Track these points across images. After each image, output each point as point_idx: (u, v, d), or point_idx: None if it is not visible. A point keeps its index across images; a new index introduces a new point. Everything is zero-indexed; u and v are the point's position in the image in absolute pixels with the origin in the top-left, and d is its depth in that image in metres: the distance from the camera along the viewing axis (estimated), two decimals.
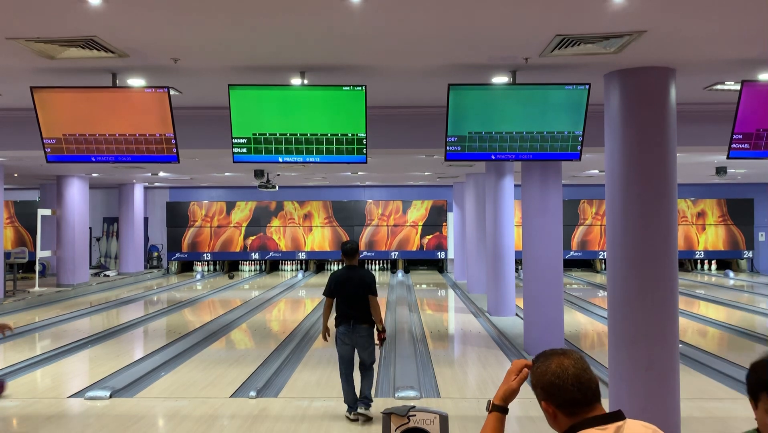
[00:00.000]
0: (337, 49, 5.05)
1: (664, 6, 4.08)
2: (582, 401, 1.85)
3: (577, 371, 1.87)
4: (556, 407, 1.87)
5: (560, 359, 1.90)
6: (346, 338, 5.96)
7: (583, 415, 1.84)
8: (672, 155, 5.52)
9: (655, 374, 5.40)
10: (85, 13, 4.12)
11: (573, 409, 1.85)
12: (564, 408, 1.86)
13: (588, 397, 1.85)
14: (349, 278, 6.00)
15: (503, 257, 11.95)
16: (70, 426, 5.94)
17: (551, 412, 1.89)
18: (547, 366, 1.91)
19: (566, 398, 1.85)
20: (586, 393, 1.85)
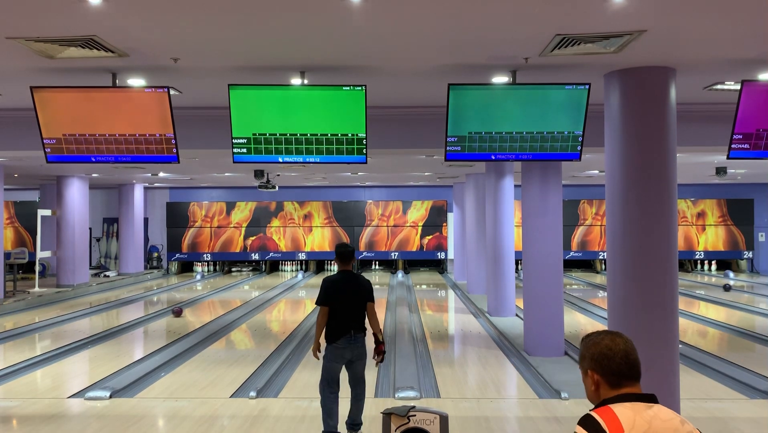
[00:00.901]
0: (337, 49, 5.05)
1: (664, 6, 4.08)
2: (628, 375, 2.03)
3: (627, 348, 2.07)
4: (601, 376, 2.04)
5: (613, 336, 2.09)
6: (347, 352, 5.39)
7: (626, 388, 2.01)
8: (672, 155, 5.52)
9: (655, 374, 5.39)
10: (85, 13, 4.12)
11: (618, 380, 2.02)
12: (609, 378, 2.03)
13: (633, 373, 2.03)
14: (347, 283, 5.45)
15: (503, 258, 11.95)
16: (70, 426, 5.93)
17: (595, 380, 2.06)
18: (600, 339, 2.09)
19: (613, 370, 2.02)
20: (632, 369, 2.03)
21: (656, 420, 1.95)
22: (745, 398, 6.72)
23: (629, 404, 1.97)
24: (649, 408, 1.98)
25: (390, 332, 10.39)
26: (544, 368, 7.84)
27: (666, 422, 1.95)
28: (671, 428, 1.94)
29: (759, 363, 8.23)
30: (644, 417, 1.94)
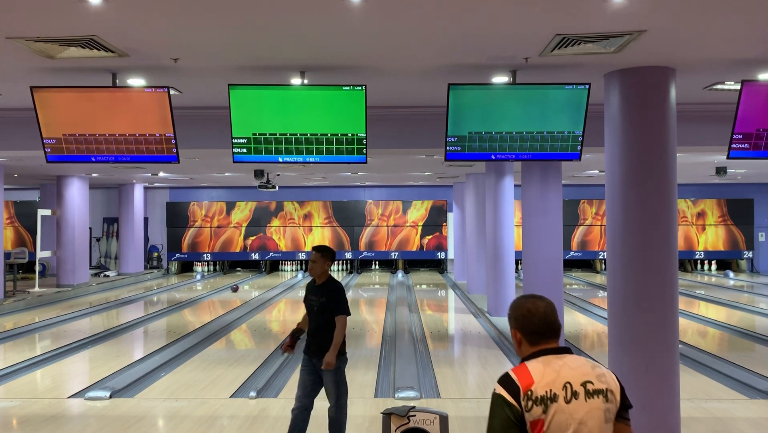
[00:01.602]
0: (337, 49, 5.05)
1: (664, 6, 4.08)
2: (545, 334, 2.27)
3: (546, 311, 2.30)
4: (522, 334, 2.30)
5: (535, 300, 2.34)
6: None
7: (543, 345, 2.26)
8: (672, 155, 5.52)
9: (655, 375, 5.39)
10: (85, 13, 4.12)
11: (537, 339, 2.27)
12: (529, 336, 2.28)
13: (550, 332, 2.28)
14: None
15: (503, 257, 11.95)
16: (70, 426, 5.94)
17: (518, 339, 2.32)
18: (524, 302, 2.34)
19: (532, 329, 2.28)
20: (549, 329, 2.28)
21: (565, 368, 2.21)
22: (745, 398, 6.72)
23: (542, 358, 2.23)
24: (559, 358, 2.24)
25: (390, 332, 10.39)
26: None
27: (575, 369, 2.21)
28: (580, 373, 2.21)
29: (759, 363, 8.23)
30: (553, 367, 2.20)
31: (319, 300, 4.90)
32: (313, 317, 4.96)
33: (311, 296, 4.98)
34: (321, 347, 4.89)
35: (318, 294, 4.93)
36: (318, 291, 4.95)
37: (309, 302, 4.98)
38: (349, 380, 7.47)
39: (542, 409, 2.14)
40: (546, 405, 2.15)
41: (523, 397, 2.15)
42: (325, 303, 4.89)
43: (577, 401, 2.18)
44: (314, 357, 4.91)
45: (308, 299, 5.01)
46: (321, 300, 4.90)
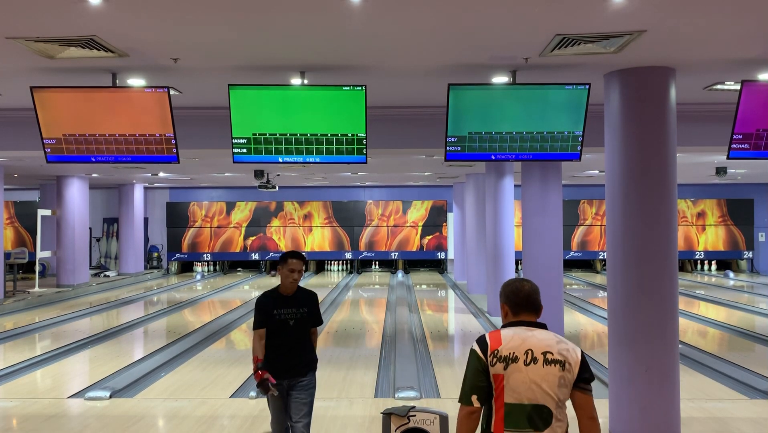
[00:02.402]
0: (337, 49, 5.05)
1: (664, 6, 4.08)
2: (526, 307, 2.81)
3: (530, 290, 2.84)
4: (508, 306, 2.84)
5: (522, 281, 2.89)
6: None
7: (522, 317, 2.80)
8: (672, 155, 5.52)
9: (655, 374, 5.40)
10: (84, 13, 4.12)
11: (518, 310, 2.81)
12: (513, 308, 2.82)
13: (530, 306, 2.81)
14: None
15: (503, 257, 11.95)
16: (70, 426, 5.94)
17: (505, 311, 2.85)
18: (513, 282, 2.90)
19: (516, 302, 2.81)
20: (530, 304, 2.81)
21: (532, 338, 2.72)
22: (745, 398, 6.72)
23: (515, 328, 2.77)
24: (530, 330, 2.75)
25: (390, 332, 10.39)
26: None
27: (540, 340, 2.71)
28: (544, 345, 2.70)
29: (759, 363, 8.23)
30: (521, 336, 2.72)
31: (300, 311, 4.37)
32: (285, 333, 4.34)
33: (283, 309, 4.35)
34: (300, 365, 4.38)
35: (296, 305, 4.38)
36: (293, 302, 4.38)
37: (280, 317, 4.34)
38: (349, 380, 7.52)
39: (503, 366, 2.68)
40: (507, 364, 2.68)
41: (490, 354, 2.71)
42: (308, 313, 4.40)
43: (535, 365, 2.68)
44: (285, 378, 4.33)
45: (278, 313, 4.34)
46: (302, 311, 4.38)
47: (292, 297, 4.39)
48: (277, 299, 4.40)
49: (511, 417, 2.70)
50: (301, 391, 4.37)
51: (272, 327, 4.34)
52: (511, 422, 2.69)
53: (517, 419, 2.69)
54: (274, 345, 4.34)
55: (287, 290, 4.39)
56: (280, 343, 4.34)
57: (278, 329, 4.34)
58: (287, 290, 4.39)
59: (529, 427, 2.69)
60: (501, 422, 2.71)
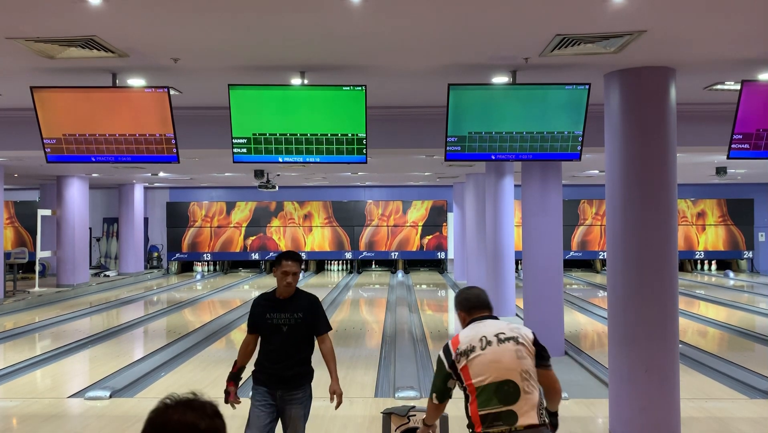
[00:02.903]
0: (337, 49, 5.05)
1: (664, 6, 4.08)
2: (478, 306, 3.25)
3: (479, 293, 3.33)
4: (464, 311, 3.27)
5: (470, 288, 3.41)
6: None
7: (476, 314, 3.23)
8: (672, 155, 5.52)
9: (655, 374, 5.39)
10: (85, 13, 4.12)
11: (472, 311, 3.25)
12: (468, 311, 3.26)
13: (480, 306, 3.26)
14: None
15: (503, 257, 11.95)
16: (70, 426, 5.94)
17: (462, 316, 3.28)
18: (462, 291, 3.40)
19: (469, 305, 3.27)
20: (481, 303, 3.27)
21: (484, 328, 3.13)
22: (745, 398, 6.72)
23: (470, 326, 3.18)
24: (482, 322, 3.18)
25: (390, 332, 10.39)
26: None
27: (492, 327, 3.13)
28: (495, 329, 3.11)
29: (759, 363, 8.23)
30: (475, 329, 3.13)
31: (293, 317, 4.07)
32: (278, 339, 4.06)
33: (276, 313, 4.07)
34: (294, 375, 4.08)
35: (290, 310, 4.08)
36: (288, 306, 4.09)
37: (272, 321, 4.07)
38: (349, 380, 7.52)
39: (465, 358, 3.03)
40: (468, 355, 3.03)
41: (454, 354, 3.07)
42: (302, 320, 4.08)
43: (491, 347, 3.03)
44: (279, 389, 4.06)
45: (270, 317, 4.08)
46: (296, 316, 4.08)
47: (288, 301, 4.10)
48: (272, 302, 4.14)
49: (481, 398, 2.98)
50: (296, 405, 4.08)
51: (265, 333, 4.11)
52: (483, 402, 2.97)
53: (487, 399, 2.97)
54: (267, 352, 4.09)
55: (283, 293, 4.11)
56: (273, 350, 4.07)
57: (271, 335, 4.08)
58: (283, 293, 4.11)
59: (500, 403, 2.95)
60: (475, 405, 3.00)
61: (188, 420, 1.58)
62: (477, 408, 2.98)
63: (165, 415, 1.60)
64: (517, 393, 2.95)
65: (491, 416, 2.94)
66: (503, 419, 2.93)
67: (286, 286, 4.08)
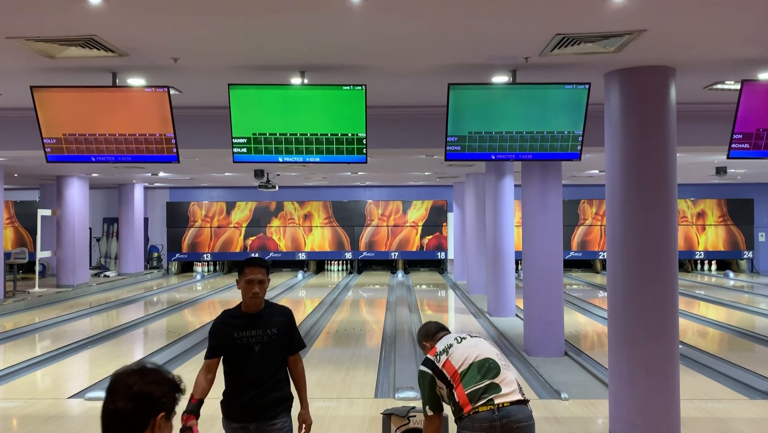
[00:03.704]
0: (337, 49, 5.05)
1: (664, 6, 4.08)
2: (439, 331, 3.64)
3: (436, 323, 3.72)
4: (430, 340, 3.61)
5: (428, 322, 3.77)
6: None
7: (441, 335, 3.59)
8: (672, 155, 5.52)
9: (655, 374, 5.39)
10: (85, 13, 4.12)
11: (435, 336, 3.60)
12: (432, 337, 3.61)
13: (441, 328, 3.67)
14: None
15: (503, 257, 11.94)
16: (70, 426, 5.94)
17: (427, 345, 3.59)
18: (422, 327, 3.75)
19: (432, 332, 3.65)
20: (441, 327, 3.67)
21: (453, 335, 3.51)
22: (745, 398, 6.72)
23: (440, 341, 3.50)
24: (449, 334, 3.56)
25: (390, 332, 10.39)
26: (544, 368, 7.84)
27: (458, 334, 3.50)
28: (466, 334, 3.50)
29: (759, 363, 8.23)
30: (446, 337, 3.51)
31: (266, 333, 3.49)
32: (250, 361, 3.45)
33: (246, 330, 3.47)
34: (271, 403, 3.48)
35: (262, 325, 3.49)
36: (258, 322, 3.50)
37: (242, 341, 3.46)
38: (349, 380, 7.52)
39: (446, 354, 3.33)
40: (447, 351, 3.34)
41: (435, 357, 3.36)
42: (276, 337, 3.49)
43: (465, 340, 3.39)
44: (254, 421, 3.47)
45: (239, 336, 3.47)
46: (269, 333, 3.49)
47: (258, 316, 3.51)
48: (240, 318, 3.51)
49: (466, 379, 3.22)
50: None
51: (232, 356, 3.47)
52: (467, 382, 3.20)
53: (471, 377, 3.21)
54: (237, 379, 3.47)
55: (250, 307, 3.51)
56: (244, 375, 3.45)
57: (241, 358, 3.46)
58: (250, 307, 3.51)
59: (483, 379, 3.20)
60: (461, 388, 3.21)
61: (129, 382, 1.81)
62: (463, 389, 3.20)
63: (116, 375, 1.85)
64: (497, 367, 3.25)
65: (479, 391, 3.17)
66: (489, 391, 3.16)
67: (252, 297, 3.48)
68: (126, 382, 1.79)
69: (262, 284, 3.49)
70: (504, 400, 3.13)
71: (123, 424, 1.74)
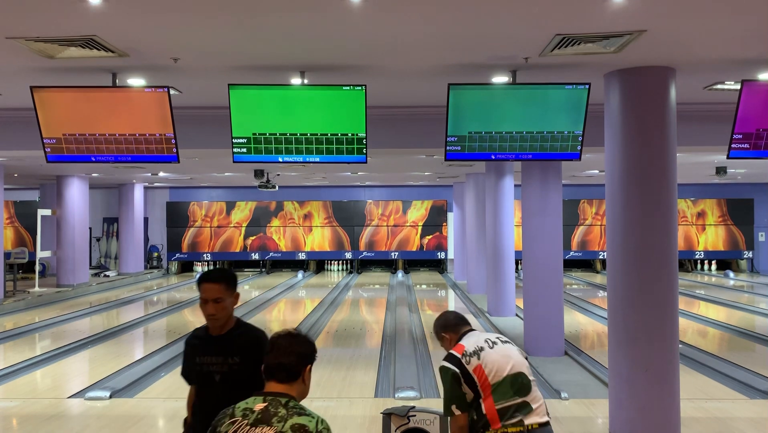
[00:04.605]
0: (337, 49, 5.05)
1: (664, 6, 4.08)
2: (460, 324, 3.39)
3: (455, 313, 3.48)
4: (450, 333, 3.37)
5: (446, 312, 3.51)
6: None
7: (462, 330, 3.36)
8: (672, 155, 5.52)
9: (655, 374, 5.39)
10: (85, 13, 4.12)
11: (457, 328, 3.37)
12: (452, 329, 3.37)
13: (462, 322, 3.41)
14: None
15: (503, 257, 11.95)
16: (70, 426, 5.94)
17: (448, 338, 3.36)
18: (440, 317, 3.48)
19: (451, 326, 3.39)
20: (462, 321, 3.41)
21: (483, 335, 3.29)
22: (745, 398, 6.72)
23: (465, 337, 3.30)
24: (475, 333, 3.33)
25: (390, 332, 10.39)
26: (543, 368, 7.85)
27: (487, 334, 3.30)
28: (492, 336, 3.30)
29: (759, 363, 8.23)
30: (474, 338, 3.26)
31: (228, 362, 2.99)
32: (209, 394, 2.99)
33: (207, 356, 3.02)
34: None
35: (224, 352, 3.01)
36: (221, 347, 3.02)
37: (202, 369, 3.02)
38: (349, 380, 7.52)
39: (477, 357, 3.14)
40: (478, 355, 3.15)
41: (462, 357, 3.16)
42: (238, 368, 2.98)
43: (497, 346, 3.21)
44: None
45: (200, 362, 3.03)
46: (230, 362, 2.99)
47: (222, 339, 3.03)
48: (203, 341, 3.07)
49: (498, 393, 3.08)
50: None
51: (196, 382, 3.08)
52: (499, 396, 3.07)
53: (504, 392, 3.08)
54: (199, 409, 3.05)
55: (212, 329, 3.06)
56: (205, 406, 2.96)
57: (202, 386, 3.03)
58: (212, 329, 3.06)
59: (515, 395, 3.07)
60: (491, 401, 3.07)
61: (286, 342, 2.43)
62: (493, 403, 3.06)
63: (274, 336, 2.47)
64: (529, 385, 3.12)
65: (510, 408, 3.04)
66: (521, 410, 3.05)
67: (210, 319, 3.02)
68: (287, 342, 2.41)
69: (219, 304, 2.99)
70: (533, 421, 3.07)
71: (286, 372, 2.37)
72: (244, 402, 2.32)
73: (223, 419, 2.31)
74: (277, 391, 2.33)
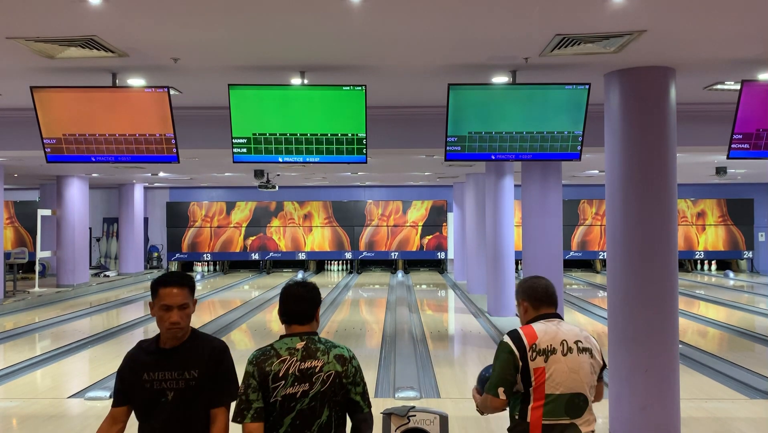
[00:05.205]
0: (337, 49, 5.05)
1: (664, 6, 4.08)
2: (546, 301, 2.96)
3: (547, 284, 3.01)
4: (529, 302, 2.97)
5: (538, 277, 3.06)
6: None
7: (544, 310, 2.95)
8: (672, 155, 5.52)
9: (655, 374, 5.40)
10: (84, 13, 4.12)
11: (538, 305, 2.96)
12: (533, 303, 2.96)
13: (548, 301, 2.96)
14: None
15: (503, 257, 11.95)
16: (70, 426, 5.93)
17: (525, 306, 2.99)
18: (529, 279, 3.07)
19: (536, 297, 2.96)
20: (549, 298, 2.97)
21: (562, 330, 2.89)
22: (745, 398, 6.72)
23: (542, 321, 2.91)
24: (557, 323, 2.92)
25: (390, 332, 10.39)
26: None
27: (568, 331, 2.90)
28: (573, 334, 2.89)
29: (759, 363, 8.23)
30: (551, 328, 2.87)
31: (183, 377, 2.66)
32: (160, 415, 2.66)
33: (158, 371, 2.67)
34: None
35: (179, 366, 2.67)
36: (175, 361, 2.68)
37: (152, 386, 2.66)
38: None
39: (544, 358, 2.80)
40: (547, 356, 2.81)
41: (529, 349, 2.81)
42: (195, 383, 2.66)
43: (571, 354, 2.84)
44: None
45: (149, 379, 2.67)
46: (187, 377, 2.66)
47: (175, 352, 2.69)
48: (153, 355, 2.71)
49: (549, 407, 2.80)
50: None
51: (141, 404, 2.69)
52: (550, 412, 2.80)
53: (555, 408, 2.80)
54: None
55: (167, 340, 2.71)
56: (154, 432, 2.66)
57: (149, 408, 2.67)
58: (167, 340, 2.71)
59: (566, 415, 2.81)
60: (539, 412, 2.81)
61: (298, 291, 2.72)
62: (542, 416, 2.80)
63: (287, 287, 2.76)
64: (584, 407, 2.87)
65: (557, 427, 2.81)
66: (566, 431, 2.82)
67: (170, 329, 2.66)
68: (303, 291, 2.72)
69: (183, 310, 2.67)
70: None
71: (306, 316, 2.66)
72: (283, 342, 2.62)
73: (269, 359, 2.57)
74: (303, 331, 2.66)
